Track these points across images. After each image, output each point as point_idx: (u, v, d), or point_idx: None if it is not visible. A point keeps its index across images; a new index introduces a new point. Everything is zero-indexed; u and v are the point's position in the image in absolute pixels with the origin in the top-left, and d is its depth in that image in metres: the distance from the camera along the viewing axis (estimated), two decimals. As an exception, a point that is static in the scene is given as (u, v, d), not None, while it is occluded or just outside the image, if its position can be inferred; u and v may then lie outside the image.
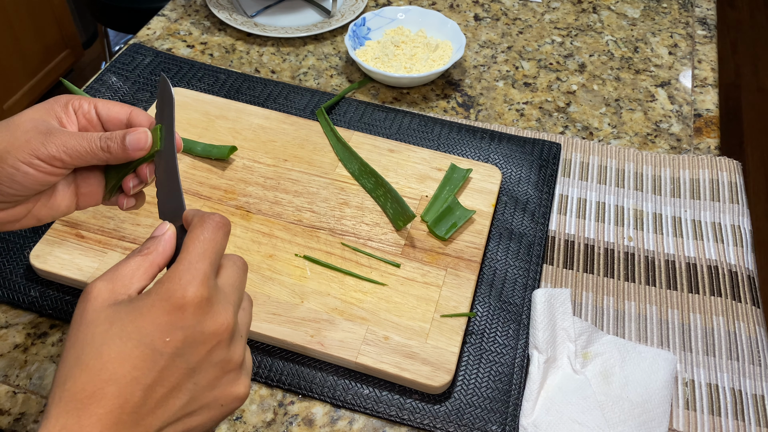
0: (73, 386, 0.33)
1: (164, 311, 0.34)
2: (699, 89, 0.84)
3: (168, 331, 0.34)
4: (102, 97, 0.79)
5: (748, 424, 0.54)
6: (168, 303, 0.35)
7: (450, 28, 0.85)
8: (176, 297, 0.35)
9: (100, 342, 0.34)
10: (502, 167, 0.72)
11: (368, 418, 0.54)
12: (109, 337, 0.34)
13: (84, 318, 0.35)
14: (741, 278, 0.64)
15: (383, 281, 0.60)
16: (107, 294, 0.36)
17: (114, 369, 0.33)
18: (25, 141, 0.42)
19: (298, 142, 0.72)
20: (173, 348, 0.34)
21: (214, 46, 0.89)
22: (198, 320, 0.35)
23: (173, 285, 0.35)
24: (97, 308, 0.35)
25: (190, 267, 0.36)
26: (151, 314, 0.34)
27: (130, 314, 0.35)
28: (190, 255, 0.36)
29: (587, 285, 0.63)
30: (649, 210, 0.70)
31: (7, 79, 1.82)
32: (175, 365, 0.35)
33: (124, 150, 0.43)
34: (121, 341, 0.34)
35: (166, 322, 0.34)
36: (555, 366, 0.56)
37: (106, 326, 0.34)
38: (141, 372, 0.34)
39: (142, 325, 0.34)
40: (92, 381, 0.33)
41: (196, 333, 0.35)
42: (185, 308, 0.35)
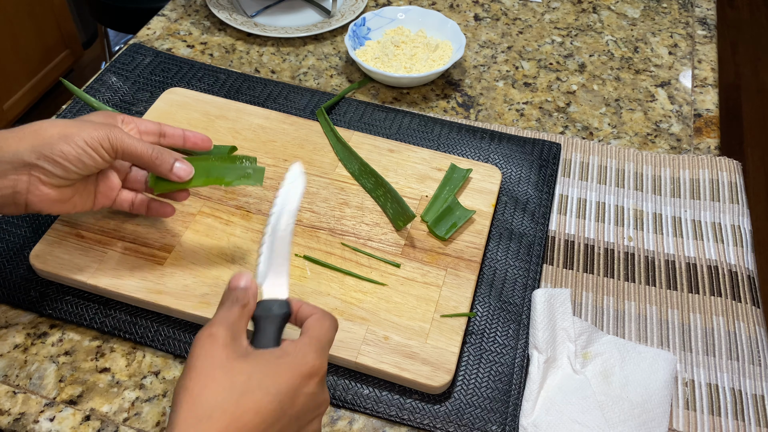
0: (210, 427, 0.37)
1: (300, 375, 0.40)
2: (699, 89, 0.85)
3: (297, 393, 0.40)
4: (102, 97, 0.79)
5: (748, 424, 0.54)
6: (303, 368, 0.41)
7: (450, 28, 0.85)
8: (309, 365, 0.41)
9: (239, 392, 0.38)
10: (502, 167, 0.72)
11: (368, 418, 0.54)
12: (249, 389, 0.39)
13: (216, 363, 0.39)
14: (741, 278, 0.64)
15: (383, 281, 0.60)
16: (230, 341, 0.41)
17: (249, 418, 0.38)
18: (94, 128, 0.52)
19: (298, 142, 0.72)
20: (294, 410, 0.40)
21: (214, 46, 0.89)
22: (319, 389, 0.42)
23: (308, 355, 0.41)
24: (228, 357, 0.40)
25: (320, 345, 0.42)
26: (287, 374, 0.40)
27: (268, 370, 0.40)
28: (320, 335, 0.43)
29: (587, 285, 0.63)
30: (649, 210, 0.70)
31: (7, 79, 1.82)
32: (290, 424, 0.40)
33: (168, 170, 0.55)
34: (260, 395, 0.39)
35: (298, 384, 0.40)
36: (555, 366, 0.56)
37: (245, 378, 0.39)
38: (267, 425, 0.39)
39: (278, 382, 0.40)
40: (229, 427, 0.37)
41: (313, 401, 0.41)
42: (314, 377, 0.41)
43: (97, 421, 0.53)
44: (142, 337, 0.57)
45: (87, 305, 0.59)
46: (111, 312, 0.59)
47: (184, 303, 0.58)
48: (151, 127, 0.58)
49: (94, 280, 0.58)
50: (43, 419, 0.53)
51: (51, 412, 0.54)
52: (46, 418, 0.53)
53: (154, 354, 0.57)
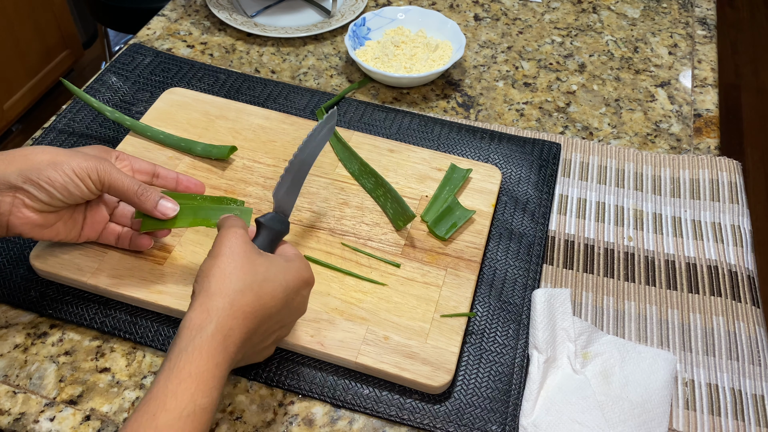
0: (243, 302, 0.46)
1: (302, 279, 0.51)
2: (699, 89, 0.85)
3: (297, 292, 0.50)
4: (102, 97, 0.79)
5: (748, 424, 0.54)
6: (305, 275, 0.51)
7: (450, 28, 0.85)
8: (308, 274, 0.52)
9: (262, 278, 0.48)
10: (502, 167, 0.72)
11: (368, 418, 0.54)
12: (268, 278, 0.48)
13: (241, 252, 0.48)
14: (741, 278, 0.64)
15: (383, 281, 0.60)
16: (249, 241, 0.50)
17: (268, 301, 0.48)
18: (84, 159, 0.53)
19: (298, 142, 0.72)
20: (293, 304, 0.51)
21: (214, 46, 0.89)
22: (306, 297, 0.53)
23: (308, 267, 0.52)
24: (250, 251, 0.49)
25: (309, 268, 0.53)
26: (295, 275, 0.50)
27: (281, 267, 0.50)
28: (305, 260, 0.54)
29: (587, 285, 0.63)
30: (649, 210, 0.70)
31: (7, 79, 1.82)
32: (285, 316, 0.51)
33: (153, 207, 0.55)
34: (275, 284, 0.48)
35: (299, 286, 0.50)
36: (555, 366, 0.56)
37: (264, 269, 0.48)
38: (277, 309, 0.49)
39: (288, 278, 0.49)
40: (254, 303, 0.47)
41: (301, 303, 0.52)
42: (309, 285, 0.52)
43: (97, 421, 0.53)
44: (142, 337, 0.57)
45: (87, 305, 0.59)
46: (111, 312, 0.59)
47: (184, 303, 0.58)
48: (145, 167, 0.60)
49: (94, 280, 0.58)
50: (43, 419, 0.53)
51: (51, 412, 0.54)
52: (46, 418, 0.53)
53: (154, 354, 0.57)
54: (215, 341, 0.44)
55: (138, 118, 0.76)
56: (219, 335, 0.44)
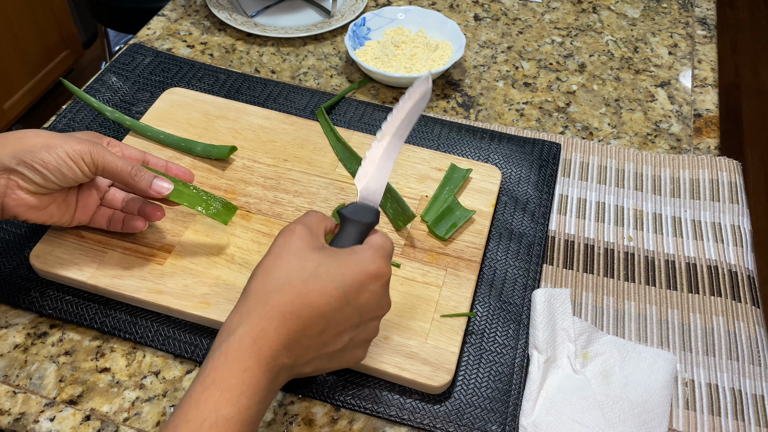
0: (279, 300, 0.42)
1: (365, 273, 0.44)
2: (699, 89, 0.85)
3: (361, 288, 0.44)
4: (102, 97, 0.79)
5: (748, 424, 0.54)
6: (370, 267, 0.45)
7: (450, 28, 0.86)
8: (376, 266, 0.45)
9: (308, 274, 0.43)
10: (502, 167, 0.72)
11: (368, 418, 0.54)
12: (317, 274, 0.43)
13: (294, 249, 0.45)
14: (741, 278, 0.64)
15: (383, 281, 0.60)
16: (308, 238, 0.46)
17: (314, 298, 0.43)
18: (78, 142, 0.53)
19: (298, 142, 0.72)
20: (358, 303, 0.44)
21: (214, 46, 0.89)
22: (382, 292, 0.46)
23: (376, 257, 0.45)
24: (304, 247, 0.45)
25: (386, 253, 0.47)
26: (355, 269, 0.44)
27: (338, 262, 0.44)
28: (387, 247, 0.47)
29: (587, 285, 0.63)
30: (649, 210, 0.70)
31: (7, 79, 1.82)
32: (352, 317, 0.44)
33: (147, 186, 0.56)
34: (326, 280, 0.43)
35: (363, 280, 0.44)
36: (555, 366, 0.56)
37: (315, 265, 0.44)
38: (330, 309, 0.43)
39: (345, 273, 0.44)
40: (295, 301, 0.42)
41: (375, 301, 0.45)
42: (379, 279, 0.45)
43: (97, 421, 0.53)
44: (142, 337, 0.57)
45: (87, 305, 0.59)
46: (111, 312, 0.59)
47: (184, 303, 0.58)
48: (135, 154, 0.60)
49: (94, 280, 0.58)
50: (43, 419, 0.53)
51: (51, 412, 0.54)
52: (46, 418, 0.53)
53: (154, 354, 0.57)
54: (243, 344, 0.41)
55: (138, 118, 0.76)
56: (248, 338, 0.41)
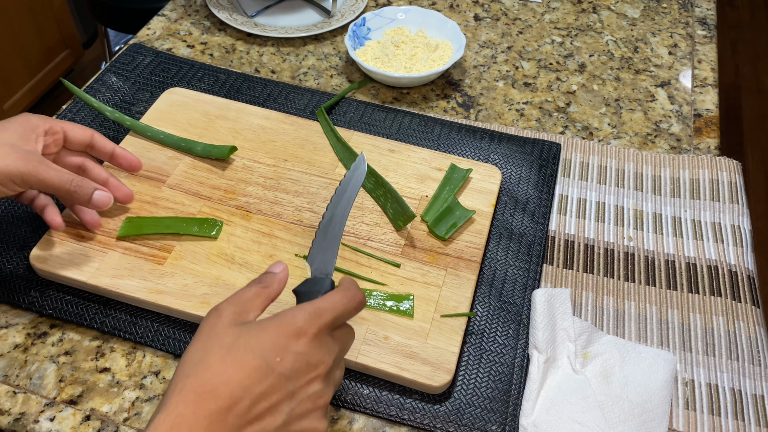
0: (195, 381, 0.39)
1: (285, 334, 0.41)
2: (699, 89, 0.85)
3: (283, 351, 0.40)
4: (102, 97, 0.79)
5: (748, 424, 0.54)
6: (289, 327, 0.41)
7: (450, 28, 0.85)
8: (297, 326, 0.41)
9: (225, 350, 0.40)
10: (502, 167, 0.72)
11: (368, 418, 0.54)
12: (234, 347, 0.40)
13: (213, 330, 0.41)
14: (741, 278, 0.64)
15: (383, 281, 0.60)
16: (233, 315, 0.42)
17: (232, 373, 0.39)
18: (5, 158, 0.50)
19: (298, 142, 0.72)
20: (283, 367, 0.40)
21: (214, 46, 0.89)
22: (308, 350, 0.41)
23: (298, 315, 0.42)
24: (225, 324, 0.41)
25: (318, 312, 0.42)
26: (273, 333, 0.41)
27: (256, 330, 0.41)
28: (323, 303, 0.43)
29: (587, 285, 0.63)
30: (649, 210, 0.70)
31: (7, 79, 1.82)
32: (280, 384, 0.40)
33: (87, 201, 0.55)
34: (244, 351, 0.40)
35: (283, 343, 0.41)
36: (555, 366, 0.56)
37: (233, 339, 0.40)
38: (252, 381, 0.39)
39: (263, 340, 0.40)
40: (212, 380, 0.39)
41: (303, 360, 0.41)
42: (301, 337, 0.41)
43: (97, 421, 0.53)
44: (142, 337, 0.57)
45: (87, 305, 0.59)
46: (111, 312, 0.59)
47: (184, 303, 0.58)
48: (79, 136, 0.58)
49: (94, 280, 0.58)
50: (43, 419, 0.53)
51: (51, 412, 0.54)
52: (46, 418, 0.53)
53: (154, 354, 0.57)
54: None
55: (138, 118, 0.76)
56: (164, 426, 0.37)
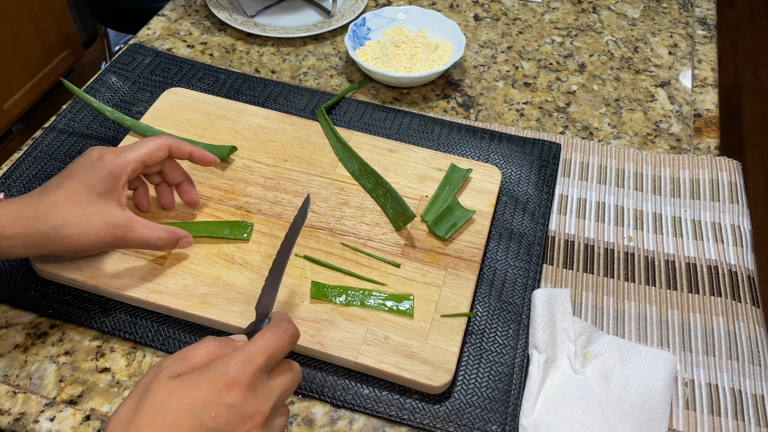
0: None
1: (217, 387, 0.39)
2: (699, 89, 0.85)
3: (216, 406, 0.39)
4: (102, 97, 0.79)
5: (748, 424, 0.54)
6: (222, 380, 0.40)
7: (450, 28, 0.85)
8: (230, 377, 0.40)
9: (157, 410, 0.38)
10: (502, 167, 0.72)
11: (368, 418, 0.54)
12: (166, 407, 0.38)
13: (149, 386, 0.40)
14: (741, 278, 0.64)
15: (383, 281, 0.60)
16: (173, 370, 0.41)
17: None
18: (100, 231, 0.53)
19: (298, 142, 0.72)
20: (216, 423, 0.39)
21: (214, 46, 0.89)
22: (242, 401, 0.40)
23: (230, 365, 0.40)
24: (161, 379, 0.40)
25: (249, 356, 0.41)
26: (206, 388, 0.39)
27: (188, 387, 0.39)
28: (253, 347, 0.42)
29: (587, 285, 0.63)
30: (649, 210, 0.70)
31: (7, 79, 1.82)
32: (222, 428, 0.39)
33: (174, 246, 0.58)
34: (177, 410, 0.38)
35: (216, 398, 0.39)
36: (555, 366, 0.56)
37: (165, 396, 0.39)
38: None
39: (197, 397, 0.39)
40: None
41: (237, 413, 0.40)
42: (234, 388, 0.40)
43: (97, 421, 0.53)
44: (142, 337, 0.57)
45: (87, 305, 0.59)
46: (111, 312, 0.59)
47: (184, 303, 0.58)
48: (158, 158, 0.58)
49: (94, 280, 0.58)
50: (43, 419, 0.53)
51: (51, 412, 0.54)
52: (46, 418, 0.53)
53: (154, 354, 0.57)
54: None
55: (138, 118, 0.76)
56: None
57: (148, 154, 0.57)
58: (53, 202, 0.52)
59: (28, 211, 0.51)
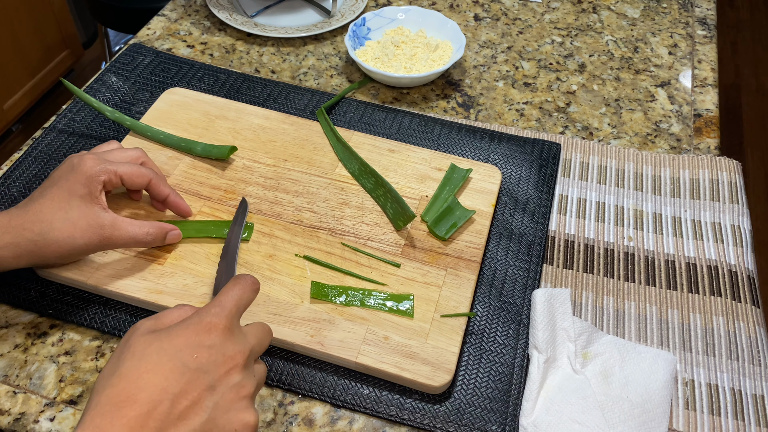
0: (110, 392, 0.38)
1: (195, 332, 0.42)
2: (699, 89, 0.85)
3: (196, 348, 0.41)
4: (102, 97, 0.79)
5: (748, 424, 0.54)
6: (199, 325, 0.42)
7: (450, 28, 0.85)
8: (206, 321, 0.42)
9: (138, 357, 0.40)
10: (502, 167, 0.72)
11: (368, 418, 0.54)
12: (147, 354, 0.40)
13: (127, 343, 0.42)
14: (741, 278, 0.64)
15: (383, 281, 0.60)
16: (147, 326, 0.43)
17: (148, 378, 0.39)
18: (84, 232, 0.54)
19: (298, 142, 0.72)
20: (198, 363, 0.41)
21: (214, 46, 0.89)
22: (221, 342, 0.42)
23: (205, 313, 0.43)
24: (138, 335, 0.42)
25: (221, 304, 0.44)
26: (184, 334, 0.42)
27: (168, 335, 0.41)
28: (223, 297, 0.45)
29: (587, 285, 0.63)
30: (649, 210, 0.70)
31: (7, 79, 1.82)
32: (198, 379, 0.40)
33: (163, 241, 0.59)
34: (158, 356, 0.40)
35: (195, 340, 0.41)
36: (555, 366, 0.56)
37: (145, 346, 0.41)
38: (169, 382, 0.39)
39: (176, 342, 0.41)
40: (127, 388, 0.38)
41: (218, 353, 0.42)
42: (212, 330, 0.42)
43: (97, 421, 0.53)
44: (142, 337, 0.57)
45: (87, 305, 0.59)
46: (111, 312, 0.59)
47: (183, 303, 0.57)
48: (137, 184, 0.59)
49: (94, 280, 0.58)
50: (43, 419, 0.53)
51: (51, 412, 0.54)
52: (46, 418, 0.53)
53: (154, 354, 0.57)
54: None
55: (138, 118, 0.76)
56: None
57: (126, 174, 0.58)
58: (38, 210, 0.54)
59: (16, 221, 0.53)
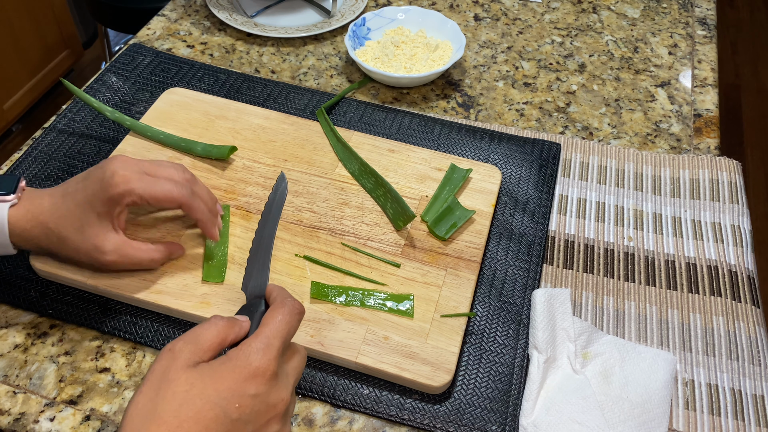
0: None
1: (241, 378, 0.39)
2: (699, 89, 0.85)
3: (240, 396, 0.39)
4: (102, 97, 0.79)
5: (748, 424, 0.54)
6: (245, 370, 0.40)
7: (450, 28, 0.85)
8: (252, 367, 0.40)
9: (179, 401, 0.38)
10: (502, 167, 0.72)
11: (368, 418, 0.54)
12: (189, 398, 0.38)
13: (166, 375, 0.39)
14: (741, 278, 0.64)
15: (383, 281, 0.60)
16: (188, 355, 0.40)
17: (188, 427, 0.37)
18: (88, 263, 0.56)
19: (298, 142, 0.72)
20: (241, 413, 0.39)
21: (214, 46, 0.89)
22: (266, 390, 0.40)
23: (251, 355, 0.40)
24: (179, 368, 0.39)
25: (267, 342, 0.41)
26: (230, 378, 0.39)
27: (211, 378, 0.39)
28: (268, 331, 0.42)
29: (587, 285, 0.63)
30: (649, 210, 0.70)
31: (7, 79, 1.82)
32: (239, 429, 0.39)
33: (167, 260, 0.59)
34: (201, 401, 0.38)
35: (240, 389, 0.39)
36: (555, 366, 0.56)
37: (187, 387, 0.38)
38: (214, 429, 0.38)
39: (220, 388, 0.39)
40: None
41: (262, 402, 0.40)
42: (257, 377, 0.40)
43: (97, 421, 0.53)
44: (142, 337, 0.57)
45: (87, 305, 0.59)
46: (111, 312, 0.59)
47: (184, 303, 0.58)
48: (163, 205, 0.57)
49: (94, 280, 0.58)
50: (43, 419, 0.53)
51: (51, 412, 0.54)
52: (46, 418, 0.53)
53: (154, 354, 0.57)
54: None
55: (138, 118, 0.76)
56: None
57: (154, 198, 0.55)
58: (62, 215, 0.54)
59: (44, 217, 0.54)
